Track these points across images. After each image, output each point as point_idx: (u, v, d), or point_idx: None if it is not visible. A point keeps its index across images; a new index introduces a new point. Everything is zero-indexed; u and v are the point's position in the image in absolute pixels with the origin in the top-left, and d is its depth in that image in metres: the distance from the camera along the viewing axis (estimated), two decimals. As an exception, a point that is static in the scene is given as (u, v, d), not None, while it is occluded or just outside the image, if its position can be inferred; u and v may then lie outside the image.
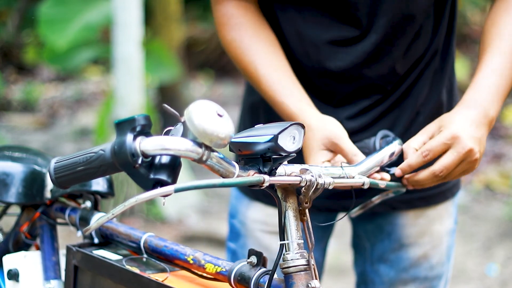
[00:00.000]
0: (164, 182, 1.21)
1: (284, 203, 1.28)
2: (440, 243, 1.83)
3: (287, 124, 1.26)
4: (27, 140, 6.35)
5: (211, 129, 1.17)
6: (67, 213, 1.68)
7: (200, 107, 1.18)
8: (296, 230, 1.28)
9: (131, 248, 1.53)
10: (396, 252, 1.82)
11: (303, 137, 1.28)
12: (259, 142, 1.25)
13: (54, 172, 1.25)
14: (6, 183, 1.70)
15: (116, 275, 1.49)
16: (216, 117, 1.18)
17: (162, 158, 1.22)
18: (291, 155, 1.27)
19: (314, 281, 1.26)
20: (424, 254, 1.82)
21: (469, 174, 1.55)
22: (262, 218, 1.80)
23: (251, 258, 1.32)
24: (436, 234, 1.82)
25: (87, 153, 1.22)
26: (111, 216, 1.17)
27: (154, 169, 1.21)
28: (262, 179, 1.22)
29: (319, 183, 1.27)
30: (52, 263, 1.69)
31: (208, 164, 1.22)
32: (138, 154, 1.18)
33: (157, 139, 1.19)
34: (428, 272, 1.83)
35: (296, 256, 1.27)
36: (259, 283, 1.29)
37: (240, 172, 1.24)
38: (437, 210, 1.81)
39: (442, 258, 1.85)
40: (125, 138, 1.18)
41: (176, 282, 1.41)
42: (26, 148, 1.87)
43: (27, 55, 7.99)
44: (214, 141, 1.18)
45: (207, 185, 1.18)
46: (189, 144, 1.19)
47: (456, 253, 4.27)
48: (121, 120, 1.20)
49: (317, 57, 1.68)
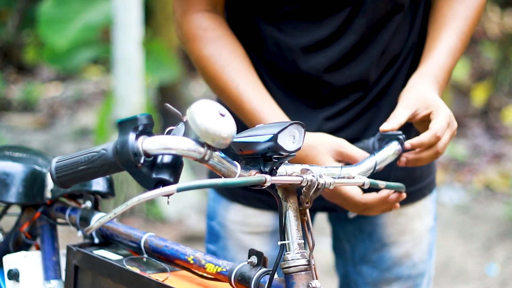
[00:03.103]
0: (166, 182, 1.20)
1: (285, 203, 1.28)
2: (421, 241, 1.83)
3: (286, 123, 1.26)
4: (27, 140, 6.35)
5: (214, 128, 1.17)
6: (67, 213, 1.68)
7: (202, 106, 1.18)
8: (296, 230, 1.28)
9: (132, 248, 1.53)
10: (378, 252, 1.82)
11: (303, 137, 1.28)
12: (259, 141, 1.25)
13: (56, 172, 1.25)
14: (6, 183, 1.69)
15: (116, 275, 1.49)
16: (218, 117, 1.18)
17: (164, 157, 1.22)
18: (292, 154, 1.27)
19: (315, 281, 1.26)
20: (406, 253, 1.82)
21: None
22: (241, 219, 1.78)
23: (252, 258, 1.32)
24: (416, 232, 1.82)
25: (89, 152, 1.22)
26: (112, 216, 1.17)
27: (156, 169, 1.21)
28: (264, 179, 1.22)
29: (320, 183, 1.27)
30: (53, 263, 1.69)
31: (210, 163, 1.22)
32: (141, 153, 1.18)
33: (159, 139, 1.19)
34: (411, 270, 1.83)
35: (297, 256, 1.27)
36: (260, 283, 1.29)
37: (241, 172, 1.24)
38: (416, 207, 1.81)
39: (424, 255, 1.84)
40: (127, 138, 1.18)
41: (177, 282, 1.41)
42: (27, 148, 1.87)
43: (27, 55, 7.99)
44: (216, 140, 1.18)
45: (209, 184, 1.18)
46: (192, 144, 1.19)
47: (456, 253, 4.30)
48: (123, 120, 1.20)
49: (295, 60, 1.67)
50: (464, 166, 5.60)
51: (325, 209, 1.77)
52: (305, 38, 1.65)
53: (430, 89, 1.60)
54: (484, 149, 5.88)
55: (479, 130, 6.19)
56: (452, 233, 4.58)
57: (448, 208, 4.98)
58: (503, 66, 6.55)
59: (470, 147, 5.90)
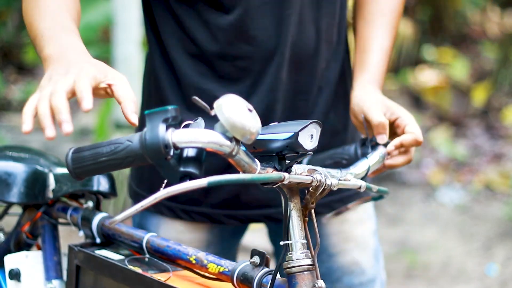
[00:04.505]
0: (193, 175, 1.19)
1: (290, 203, 1.28)
2: (367, 246, 1.83)
3: (307, 122, 1.26)
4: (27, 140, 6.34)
5: (243, 123, 1.16)
6: (69, 213, 1.68)
7: (230, 100, 1.17)
8: (300, 230, 1.28)
9: (133, 248, 1.53)
10: (326, 264, 1.80)
11: (319, 136, 1.28)
12: (278, 139, 1.24)
13: (72, 163, 1.22)
14: (8, 183, 1.69)
15: (118, 275, 1.49)
16: (247, 112, 1.18)
17: (189, 151, 1.20)
18: (308, 153, 1.27)
19: (320, 281, 1.25)
20: (353, 260, 1.81)
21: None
22: (174, 235, 1.74)
23: (254, 258, 1.32)
24: (360, 238, 1.82)
25: (111, 143, 1.19)
26: (139, 208, 1.12)
27: (182, 162, 1.20)
28: (282, 177, 1.22)
29: (327, 184, 1.27)
30: (54, 263, 1.69)
31: (235, 159, 1.21)
32: (170, 145, 1.16)
33: (190, 131, 1.17)
34: (361, 278, 1.82)
35: (301, 256, 1.26)
36: (262, 283, 1.29)
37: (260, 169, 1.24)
38: (357, 213, 1.82)
39: (371, 260, 1.84)
40: (157, 129, 1.16)
41: (179, 282, 1.41)
42: (28, 148, 1.87)
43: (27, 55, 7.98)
44: (245, 135, 1.17)
45: (238, 179, 1.17)
46: (221, 138, 1.18)
47: (456, 253, 4.30)
48: (152, 111, 1.17)
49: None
50: (464, 166, 5.60)
51: (266, 218, 1.75)
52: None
53: (375, 91, 1.64)
54: (484, 149, 5.88)
55: (479, 130, 6.18)
56: (452, 233, 4.58)
57: (448, 208, 4.98)
58: (503, 66, 6.54)
59: (470, 147, 5.89)
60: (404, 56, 6.90)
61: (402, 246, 4.41)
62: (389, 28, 1.71)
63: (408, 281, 4.04)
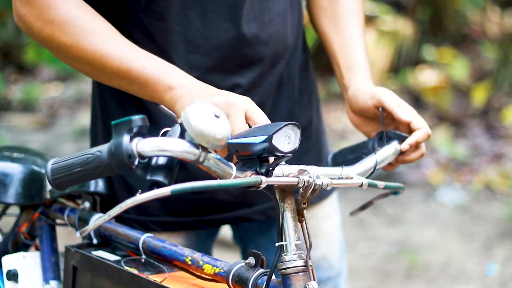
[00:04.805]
0: (161, 183, 1.20)
1: (282, 204, 1.28)
2: (334, 240, 1.85)
3: (281, 124, 1.25)
4: (27, 140, 6.34)
5: (208, 130, 1.17)
6: (66, 213, 1.68)
7: (197, 108, 1.18)
8: (294, 231, 1.28)
9: (130, 249, 1.53)
10: None
11: (299, 138, 1.27)
12: (254, 142, 1.24)
13: (51, 174, 1.25)
14: (5, 183, 1.69)
15: (114, 276, 1.49)
16: (213, 118, 1.18)
17: (159, 159, 1.21)
18: (287, 155, 1.27)
19: (312, 282, 1.25)
20: (322, 255, 1.82)
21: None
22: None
23: (249, 259, 1.32)
24: (329, 232, 1.84)
25: (84, 154, 1.22)
26: (107, 218, 1.16)
27: (150, 170, 1.21)
28: (259, 180, 1.22)
29: (317, 184, 1.26)
30: (51, 264, 1.69)
31: (205, 165, 1.21)
32: (135, 155, 1.18)
33: (154, 140, 1.18)
34: (329, 272, 1.83)
35: (294, 257, 1.26)
36: (257, 284, 1.29)
37: (237, 173, 1.24)
38: (323, 207, 1.82)
39: (337, 254, 1.85)
40: (121, 139, 1.18)
41: (174, 283, 1.41)
42: (25, 148, 1.87)
43: (27, 55, 7.98)
44: (211, 142, 1.18)
45: (204, 186, 1.17)
46: (186, 146, 1.19)
47: (456, 253, 4.30)
48: (118, 121, 1.20)
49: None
50: (464, 166, 5.59)
51: (238, 219, 1.75)
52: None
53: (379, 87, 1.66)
54: (484, 149, 5.87)
55: (479, 130, 6.18)
56: (452, 233, 4.58)
57: (448, 208, 4.98)
58: (503, 66, 6.54)
59: (470, 147, 5.89)
60: (404, 56, 6.90)
61: (402, 246, 4.41)
62: (361, 27, 1.74)
63: (408, 281, 4.04)
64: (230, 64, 1.62)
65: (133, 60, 1.43)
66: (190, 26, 1.58)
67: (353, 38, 1.72)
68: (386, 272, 4.13)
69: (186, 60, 1.59)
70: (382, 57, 6.76)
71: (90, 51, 1.44)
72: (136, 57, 1.43)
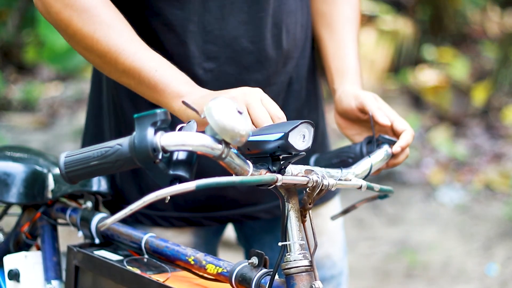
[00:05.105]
0: (182, 178, 1.20)
1: (287, 204, 1.28)
2: (337, 239, 1.86)
3: (297, 122, 1.25)
4: (27, 140, 6.34)
5: (232, 125, 1.16)
6: (68, 213, 1.68)
7: (220, 103, 1.17)
8: (298, 231, 1.28)
9: (132, 248, 1.53)
10: None
11: (312, 137, 1.27)
12: (269, 140, 1.24)
13: (65, 167, 1.23)
14: (7, 183, 1.69)
15: (117, 276, 1.49)
16: (236, 114, 1.18)
17: (180, 154, 1.21)
18: (301, 154, 1.27)
19: (317, 282, 1.26)
20: (326, 253, 1.82)
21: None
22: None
23: (252, 259, 1.32)
24: (332, 231, 1.84)
25: (102, 147, 1.20)
26: (128, 212, 1.13)
27: (172, 165, 1.20)
28: (275, 178, 1.21)
29: (324, 184, 1.26)
30: (53, 263, 1.69)
31: (226, 161, 1.21)
32: (159, 149, 1.17)
33: (178, 135, 1.18)
34: (332, 271, 1.84)
35: (298, 257, 1.27)
36: (260, 284, 1.29)
37: (252, 171, 1.24)
38: (328, 207, 1.83)
39: (340, 253, 1.86)
40: (145, 133, 1.17)
41: (177, 283, 1.41)
42: (27, 148, 1.87)
43: (27, 55, 7.97)
44: (234, 138, 1.17)
45: (227, 182, 1.16)
46: (210, 141, 1.18)
47: (456, 253, 4.30)
48: (141, 114, 1.18)
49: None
50: (464, 166, 5.59)
51: (245, 217, 1.75)
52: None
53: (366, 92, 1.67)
54: (484, 149, 5.87)
55: (479, 130, 6.18)
56: (452, 233, 4.58)
57: (448, 208, 4.98)
58: (503, 66, 6.54)
59: (470, 147, 5.89)
60: (404, 56, 6.89)
61: (402, 246, 4.41)
62: (356, 35, 1.76)
63: (408, 281, 4.04)
64: (246, 57, 1.62)
65: (146, 61, 1.43)
66: (208, 16, 1.58)
67: (347, 44, 1.74)
68: (386, 272, 4.13)
69: (203, 50, 1.59)
70: (382, 56, 6.75)
71: (104, 43, 1.44)
72: (150, 59, 1.44)
